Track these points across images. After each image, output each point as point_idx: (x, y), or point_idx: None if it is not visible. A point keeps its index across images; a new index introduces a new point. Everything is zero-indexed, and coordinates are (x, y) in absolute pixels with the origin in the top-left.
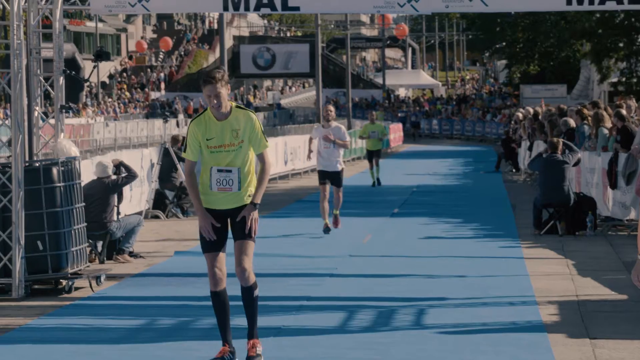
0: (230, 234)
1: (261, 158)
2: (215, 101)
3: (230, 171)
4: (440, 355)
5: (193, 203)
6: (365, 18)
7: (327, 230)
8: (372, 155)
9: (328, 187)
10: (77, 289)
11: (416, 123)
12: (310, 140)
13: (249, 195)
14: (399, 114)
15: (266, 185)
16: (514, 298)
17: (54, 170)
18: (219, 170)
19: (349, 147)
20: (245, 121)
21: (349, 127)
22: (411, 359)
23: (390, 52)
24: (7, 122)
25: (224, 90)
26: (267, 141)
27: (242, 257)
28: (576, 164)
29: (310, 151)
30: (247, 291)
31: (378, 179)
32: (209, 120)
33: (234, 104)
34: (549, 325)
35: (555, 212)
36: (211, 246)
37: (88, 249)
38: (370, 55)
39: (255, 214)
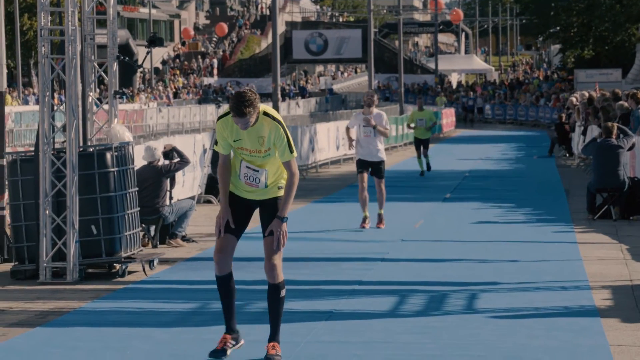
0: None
1: (287, 167)
2: (243, 127)
3: (257, 171)
4: (492, 339)
5: (220, 194)
6: (417, 3)
7: (363, 222)
8: (420, 144)
9: (366, 176)
10: (130, 272)
11: (471, 108)
12: (348, 129)
13: (278, 187)
14: (464, 101)
15: (293, 194)
16: (567, 283)
17: (108, 156)
18: (248, 167)
19: (389, 135)
20: (269, 130)
21: (401, 113)
22: (463, 343)
23: (443, 37)
24: (61, 107)
25: (254, 117)
26: (294, 151)
27: (272, 254)
28: (631, 148)
29: (350, 140)
30: (274, 289)
31: (428, 164)
32: (234, 124)
33: (262, 109)
34: (602, 310)
35: (609, 197)
36: (227, 229)
37: (141, 234)
38: (423, 40)
39: (284, 227)
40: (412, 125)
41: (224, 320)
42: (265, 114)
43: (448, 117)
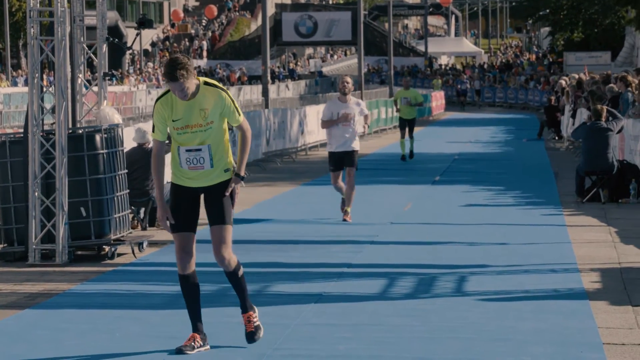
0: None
1: (239, 128)
2: (180, 95)
3: (200, 150)
4: (481, 322)
5: (155, 189)
6: None
7: (344, 203)
8: (406, 125)
9: (340, 174)
10: (119, 255)
11: (464, 92)
12: (324, 123)
13: (225, 170)
14: (459, 85)
15: (248, 153)
16: (556, 265)
17: (97, 138)
18: (188, 150)
19: (369, 121)
20: (215, 100)
21: (391, 96)
22: (453, 326)
23: (433, 20)
24: (50, 89)
25: (190, 82)
26: (241, 114)
27: (221, 245)
28: (619, 131)
29: (329, 124)
30: (232, 275)
31: (411, 152)
32: (176, 99)
33: (202, 80)
34: (591, 293)
35: (598, 180)
36: (180, 226)
37: (130, 216)
38: (413, 22)
39: (238, 186)
40: (399, 105)
41: (190, 321)
42: (207, 83)
43: (437, 100)
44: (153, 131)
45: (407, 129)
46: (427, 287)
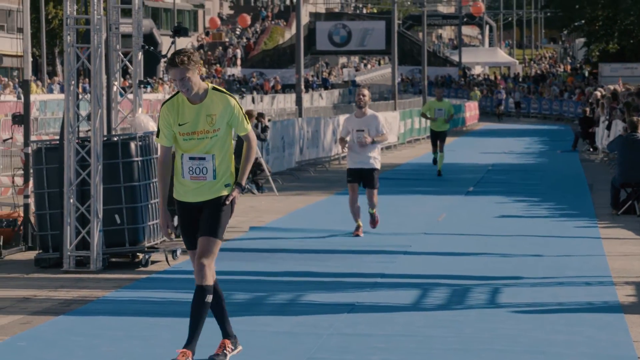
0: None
1: (246, 138)
2: (182, 86)
3: (203, 159)
4: (515, 334)
5: (159, 197)
6: None
7: (357, 231)
8: (437, 138)
9: (357, 186)
10: (153, 262)
11: (499, 102)
12: (342, 141)
13: (225, 185)
14: (496, 95)
15: (250, 166)
16: (591, 278)
17: (132, 145)
18: (191, 158)
19: (387, 139)
20: (223, 106)
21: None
22: (486, 337)
23: (467, 30)
24: (86, 96)
25: (193, 74)
26: (248, 123)
27: (204, 253)
28: None
29: (344, 144)
30: (200, 291)
31: (439, 171)
32: (182, 103)
33: (210, 85)
34: (626, 306)
35: (633, 192)
36: (192, 243)
37: None
38: (447, 32)
39: (238, 195)
40: (428, 115)
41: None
42: (215, 89)
43: (471, 110)
44: (157, 136)
45: (438, 143)
46: (461, 298)
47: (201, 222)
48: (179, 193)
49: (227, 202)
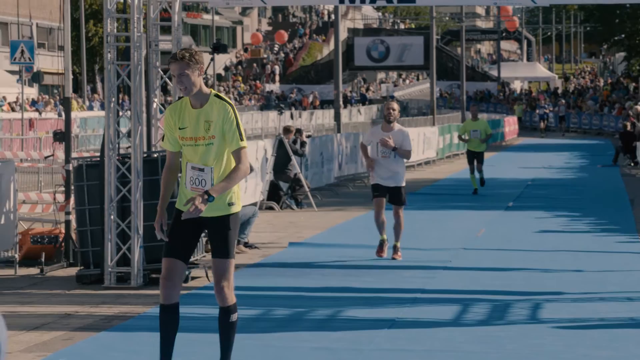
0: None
1: (236, 156)
2: (179, 82)
3: (202, 170)
4: (556, 349)
5: (160, 197)
6: (480, 10)
7: (380, 250)
8: (474, 157)
9: (384, 201)
10: (193, 278)
11: (542, 116)
12: (364, 147)
13: (229, 204)
14: (539, 110)
15: (233, 185)
16: (633, 294)
17: None
18: (193, 168)
19: (410, 157)
20: (218, 113)
21: (463, 120)
22: (527, 353)
23: (506, 45)
24: (126, 113)
25: (192, 72)
26: (243, 140)
27: (221, 278)
28: None
29: (369, 159)
30: (224, 313)
31: (482, 179)
32: (185, 106)
33: (213, 92)
34: None
35: None
36: (170, 251)
37: (204, 240)
38: (485, 47)
39: (202, 205)
40: (465, 137)
41: (159, 356)
42: (217, 96)
43: (510, 125)
44: (162, 139)
45: (475, 163)
46: (501, 314)
47: (211, 244)
48: (181, 202)
49: (191, 210)
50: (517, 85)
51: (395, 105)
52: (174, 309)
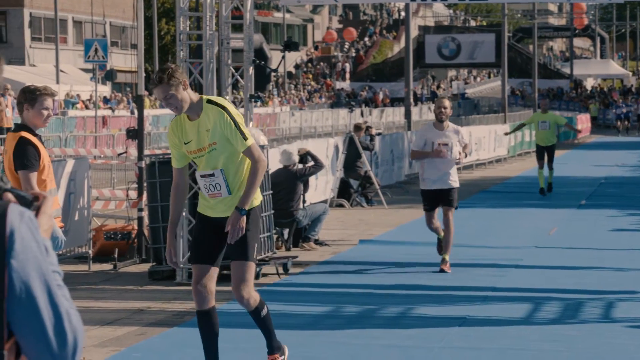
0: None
1: (248, 155)
2: (168, 105)
3: (212, 175)
4: (630, 349)
5: (169, 224)
6: (553, 7)
7: (440, 247)
8: (544, 153)
9: (436, 213)
10: (264, 275)
11: (619, 116)
12: (415, 154)
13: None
14: (615, 110)
15: (257, 186)
16: None
17: None
18: (202, 176)
19: (468, 150)
20: (215, 119)
21: None
22: (599, 352)
23: (579, 42)
24: None
25: (177, 90)
26: (247, 138)
27: (240, 284)
28: None
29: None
30: (254, 314)
31: (550, 184)
32: (184, 121)
33: (205, 97)
34: None
35: None
36: (199, 257)
37: (275, 237)
38: (558, 44)
39: (242, 222)
40: (529, 128)
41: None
42: (209, 101)
43: (583, 123)
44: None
45: (545, 158)
46: (573, 313)
47: (228, 246)
48: (201, 206)
49: (231, 237)
50: (589, 83)
51: (447, 103)
52: (210, 314)
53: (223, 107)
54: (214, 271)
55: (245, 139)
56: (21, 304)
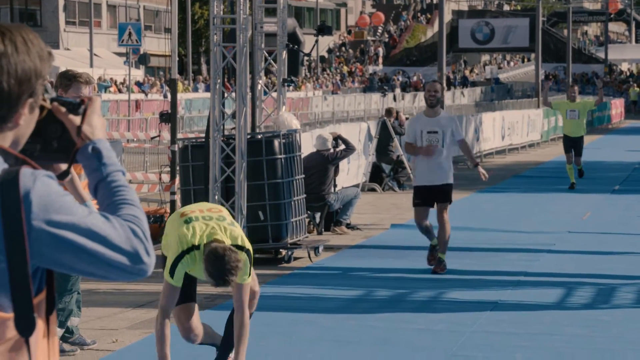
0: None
1: (238, 293)
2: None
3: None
4: None
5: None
6: None
7: (432, 257)
8: (571, 145)
9: (427, 211)
10: (296, 258)
11: None
12: (411, 147)
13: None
14: None
15: (246, 344)
16: None
17: (276, 143)
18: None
19: (469, 148)
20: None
21: None
22: (634, 338)
23: (614, 26)
24: (232, 95)
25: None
26: (249, 276)
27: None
28: None
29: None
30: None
31: (581, 169)
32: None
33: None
34: None
35: None
36: (183, 298)
37: (307, 220)
38: (592, 29)
39: None
40: (557, 112)
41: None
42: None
43: (617, 108)
44: (170, 276)
45: (572, 152)
46: (606, 298)
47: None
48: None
49: None
50: (624, 68)
51: (438, 87)
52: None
53: (247, 251)
54: (195, 307)
55: (248, 276)
56: (66, 252)
